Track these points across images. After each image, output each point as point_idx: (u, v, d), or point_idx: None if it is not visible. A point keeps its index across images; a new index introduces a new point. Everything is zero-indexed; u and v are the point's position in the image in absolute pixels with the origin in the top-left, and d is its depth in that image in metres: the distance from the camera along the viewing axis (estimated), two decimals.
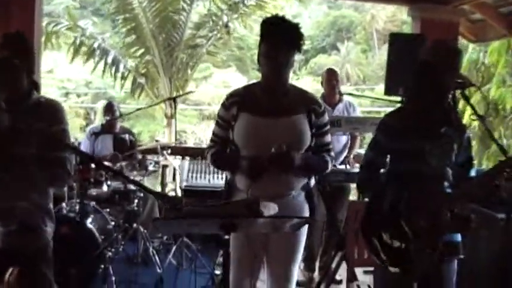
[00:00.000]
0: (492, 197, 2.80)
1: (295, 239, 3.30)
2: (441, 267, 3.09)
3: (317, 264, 5.97)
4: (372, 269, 3.71)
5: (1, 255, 2.92)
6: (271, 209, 2.60)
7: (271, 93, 3.20)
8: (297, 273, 3.41)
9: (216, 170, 5.69)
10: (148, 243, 5.73)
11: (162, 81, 11.77)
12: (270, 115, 3.14)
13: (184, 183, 5.92)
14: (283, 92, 3.21)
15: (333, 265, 4.97)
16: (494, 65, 12.73)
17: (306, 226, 3.28)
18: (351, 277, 4.47)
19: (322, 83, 6.07)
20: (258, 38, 3.16)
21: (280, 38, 3.07)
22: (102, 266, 5.02)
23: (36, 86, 3.15)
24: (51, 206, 3.14)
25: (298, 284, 5.67)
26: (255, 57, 3.22)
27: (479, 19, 7.13)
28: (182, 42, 11.60)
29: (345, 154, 5.90)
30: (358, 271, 4.96)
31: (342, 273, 5.05)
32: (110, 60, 11.61)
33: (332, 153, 3.37)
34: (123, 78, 11.89)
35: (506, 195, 2.75)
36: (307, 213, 3.30)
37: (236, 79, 27.58)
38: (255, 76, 33.57)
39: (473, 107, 2.93)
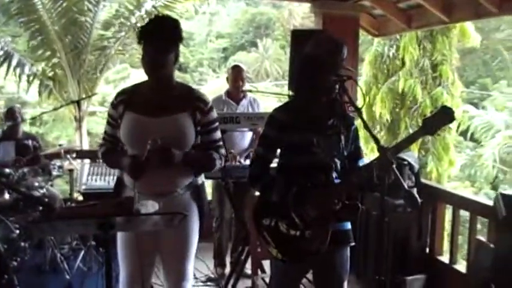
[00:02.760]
0: (377, 186, 2.85)
1: (186, 235, 3.32)
2: (333, 255, 3.16)
3: (228, 260, 6.01)
4: None
5: None
6: (149, 206, 2.58)
7: (155, 92, 3.21)
8: (192, 270, 3.43)
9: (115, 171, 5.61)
10: (56, 250, 5.60)
11: (70, 84, 11.46)
12: (152, 114, 3.15)
13: (83, 187, 5.82)
14: (168, 90, 3.22)
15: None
16: (398, 57, 13.09)
17: (197, 224, 3.37)
18: (255, 270, 4.48)
19: (227, 79, 6.06)
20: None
21: (156, 37, 3.07)
22: (6, 277, 4.82)
23: None
24: None
25: (210, 279, 5.73)
26: None
27: (380, 14, 7.26)
28: (90, 43, 11.33)
29: (250, 150, 5.89)
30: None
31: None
32: (14, 63, 11.18)
33: (222, 151, 3.39)
34: (29, 82, 11.51)
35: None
36: (194, 212, 3.34)
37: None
38: (175, 75, 33.45)
39: (350, 99, 2.98)
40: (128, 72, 27.26)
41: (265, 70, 32.89)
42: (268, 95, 7.58)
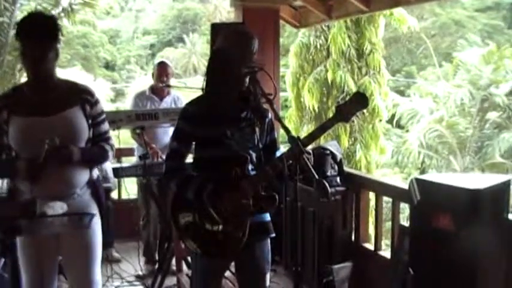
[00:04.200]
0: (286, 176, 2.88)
1: (88, 236, 3.22)
2: (254, 247, 3.15)
3: (156, 256, 5.94)
4: None
5: None
6: (58, 208, 2.50)
7: (39, 91, 3.11)
8: (99, 272, 3.34)
9: None
10: None
11: None
12: (42, 113, 3.07)
13: None
14: (51, 87, 3.14)
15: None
16: (324, 48, 13.22)
17: (99, 223, 3.29)
18: (179, 267, 4.45)
19: (152, 75, 5.98)
20: (101, 35, 3.04)
21: (33, 33, 2.98)
22: None
23: None
24: None
25: (139, 277, 5.64)
26: (100, 54, 3.14)
27: (301, 5, 7.28)
28: (8, 44, 11.05)
29: None
30: None
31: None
32: None
33: (111, 141, 3.36)
34: None
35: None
36: (95, 210, 3.26)
37: (82, 77, 26.82)
38: (102, 73, 32.98)
39: (262, 90, 2.98)
40: None
41: (193, 65, 32.83)
42: (191, 90, 7.48)
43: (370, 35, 13.13)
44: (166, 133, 5.69)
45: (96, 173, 3.35)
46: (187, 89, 6.49)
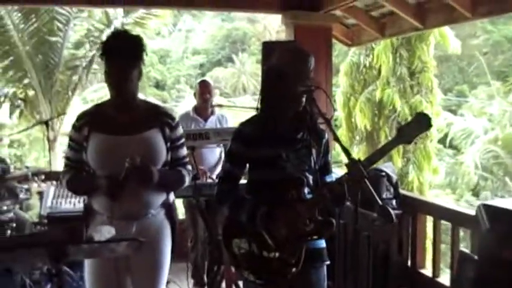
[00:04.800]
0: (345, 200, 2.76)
1: (158, 257, 3.22)
2: (309, 275, 3.03)
3: (206, 279, 5.86)
4: None
5: None
6: (105, 232, 2.43)
7: (121, 110, 3.11)
8: None
9: None
10: (24, 276, 5.30)
11: (41, 104, 11.35)
12: (122, 132, 3.06)
13: (48, 210, 5.55)
14: (133, 107, 3.14)
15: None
16: (375, 67, 13.05)
17: (170, 245, 3.27)
18: None
19: (195, 95, 5.92)
20: (152, 55, 3.02)
21: (117, 52, 2.98)
22: None
23: None
24: None
25: None
26: (151, 74, 3.10)
27: (353, 23, 7.20)
28: (61, 63, 11.32)
29: (220, 166, 5.74)
30: None
31: None
32: None
33: (189, 167, 3.32)
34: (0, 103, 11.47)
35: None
36: (168, 231, 3.25)
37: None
38: (152, 93, 33.46)
39: (319, 110, 2.86)
40: (106, 91, 27.09)
41: (243, 85, 32.96)
42: (241, 109, 7.42)
43: (421, 53, 12.90)
44: (213, 152, 5.68)
45: (172, 196, 3.32)
46: (236, 109, 6.43)
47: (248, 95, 30.62)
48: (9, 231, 5.51)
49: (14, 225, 5.56)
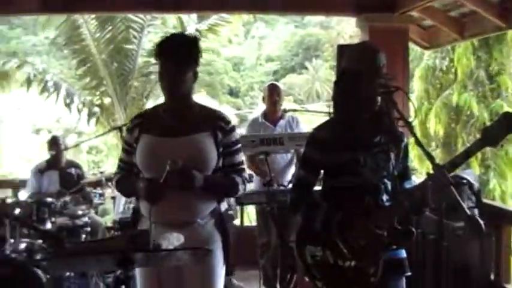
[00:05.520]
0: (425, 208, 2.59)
1: (210, 270, 3.06)
2: (387, 286, 2.88)
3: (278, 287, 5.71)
4: None
5: None
6: (173, 239, 2.34)
7: (173, 112, 3.05)
8: None
9: None
10: (98, 279, 5.39)
11: (117, 111, 11.61)
12: (170, 134, 3.00)
13: (120, 215, 5.60)
14: (186, 109, 3.06)
15: None
16: (451, 70, 12.63)
17: (222, 257, 3.11)
18: None
19: (263, 99, 5.86)
20: (225, 62, 2.97)
21: (172, 54, 2.92)
22: None
23: None
24: None
25: None
26: (224, 81, 3.04)
27: (430, 25, 6.96)
28: (135, 70, 11.52)
29: (291, 172, 5.68)
30: None
31: None
32: (63, 93, 11.44)
33: (245, 174, 3.17)
34: (78, 110, 11.74)
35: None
36: (218, 243, 3.10)
37: (207, 104, 27.61)
38: (226, 100, 33.80)
39: (400, 112, 2.70)
40: None
41: (316, 91, 32.92)
42: (314, 114, 7.29)
43: (499, 55, 12.41)
44: (283, 158, 5.60)
45: (224, 205, 3.19)
46: (309, 114, 6.34)
47: (322, 102, 30.52)
48: (84, 236, 5.65)
49: (89, 229, 5.71)
